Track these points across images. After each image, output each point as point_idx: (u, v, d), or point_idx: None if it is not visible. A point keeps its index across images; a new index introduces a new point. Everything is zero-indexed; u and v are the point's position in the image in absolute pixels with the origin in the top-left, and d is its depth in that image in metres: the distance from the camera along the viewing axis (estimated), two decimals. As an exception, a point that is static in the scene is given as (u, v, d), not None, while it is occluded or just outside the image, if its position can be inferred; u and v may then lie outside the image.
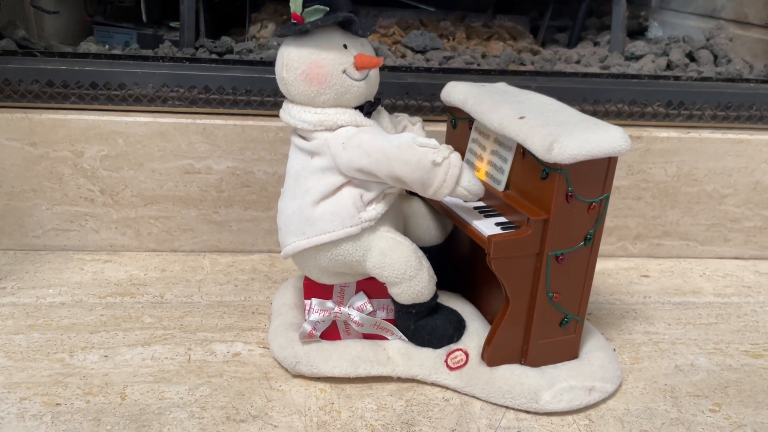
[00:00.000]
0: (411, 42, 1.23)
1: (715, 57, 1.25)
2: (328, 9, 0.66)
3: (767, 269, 1.07)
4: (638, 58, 1.23)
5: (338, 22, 0.67)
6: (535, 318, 0.72)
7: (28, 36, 1.09)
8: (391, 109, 0.99)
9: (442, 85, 0.84)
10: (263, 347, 0.79)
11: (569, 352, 0.76)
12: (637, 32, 1.52)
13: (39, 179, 0.95)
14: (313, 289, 0.76)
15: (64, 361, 0.74)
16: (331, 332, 0.77)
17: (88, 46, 1.09)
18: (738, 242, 1.09)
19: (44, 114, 0.92)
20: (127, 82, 0.94)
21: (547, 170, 0.67)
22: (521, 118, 0.70)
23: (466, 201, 0.73)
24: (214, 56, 1.10)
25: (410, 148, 0.67)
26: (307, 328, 0.75)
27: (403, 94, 0.99)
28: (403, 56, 1.20)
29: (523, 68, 1.15)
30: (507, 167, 0.73)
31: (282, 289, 0.87)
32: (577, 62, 1.22)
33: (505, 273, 0.70)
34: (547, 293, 0.71)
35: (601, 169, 0.68)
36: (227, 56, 1.10)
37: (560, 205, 0.67)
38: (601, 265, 1.05)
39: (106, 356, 0.76)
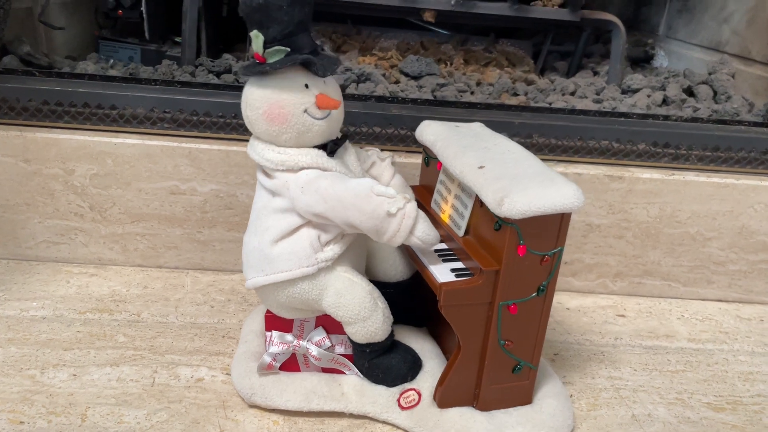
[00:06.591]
0: (407, 67, 1.24)
1: (715, 93, 1.24)
2: (288, 50, 0.67)
3: (749, 314, 1.06)
4: (635, 91, 1.23)
5: (298, 63, 0.68)
6: (486, 364, 0.73)
7: (32, 51, 1.13)
8: (375, 139, 1.01)
9: (427, 117, 0.85)
10: (226, 374, 0.82)
11: (522, 397, 0.77)
12: (643, 60, 1.51)
13: (32, 194, 0.99)
14: (273, 321, 0.78)
15: (35, 378, 0.78)
16: (291, 363, 0.79)
17: (86, 65, 1.13)
18: (722, 285, 1.08)
19: (38, 133, 0.96)
20: (118, 103, 0.97)
21: (500, 222, 0.68)
22: (480, 167, 0.71)
23: (420, 249, 0.74)
24: (211, 76, 1.13)
25: (367, 197, 0.67)
26: (267, 359, 0.77)
27: (386, 124, 1.00)
28: (397, 82, 1.22)
29: (510, 102, 1.15)
30: (467, 213, 0.74)
31: (252, 315, 0.89)
32: (572, 93, 1.22)
33: (457, 320, 0.71)
34: (498, 341, 0.72)
35: (554, 223, 0.68)
36: (222, 77, 1.13)
37: (511, 257, 0.68)
38: (578, 301, 1.06)
39: (74, 375, 0.79)
